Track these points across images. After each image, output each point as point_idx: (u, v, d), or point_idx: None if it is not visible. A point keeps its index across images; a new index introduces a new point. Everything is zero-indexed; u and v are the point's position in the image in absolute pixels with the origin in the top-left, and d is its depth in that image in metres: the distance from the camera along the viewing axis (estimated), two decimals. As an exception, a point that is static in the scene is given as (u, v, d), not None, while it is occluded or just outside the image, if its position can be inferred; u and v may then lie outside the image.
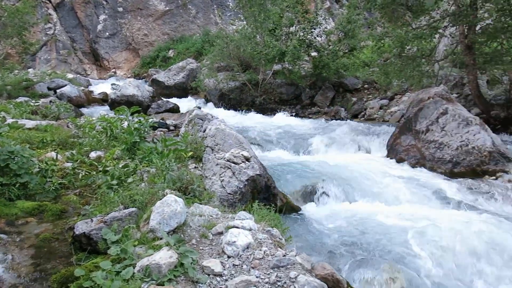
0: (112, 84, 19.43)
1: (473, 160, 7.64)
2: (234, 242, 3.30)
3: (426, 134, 8.27)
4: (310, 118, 14.28)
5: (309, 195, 6.71)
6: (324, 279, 3.15)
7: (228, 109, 15.18)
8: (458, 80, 13.28)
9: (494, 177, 7.41)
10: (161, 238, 3.39)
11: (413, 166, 8.24)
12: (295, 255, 3.28)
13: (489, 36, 10.77)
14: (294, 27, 15.59)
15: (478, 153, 7.64)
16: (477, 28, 10.91)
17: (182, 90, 18.33)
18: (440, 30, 11.68)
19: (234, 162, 5.58)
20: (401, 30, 11.50)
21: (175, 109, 13.51)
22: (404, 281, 4.42)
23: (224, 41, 16.08)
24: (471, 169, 7.61)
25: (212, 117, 6.83)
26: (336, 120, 13.57)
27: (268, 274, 3.08)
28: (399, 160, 8.56)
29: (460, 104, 9.30)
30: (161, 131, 9.14)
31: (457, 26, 11.06)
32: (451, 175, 7.64)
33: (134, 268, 3.07)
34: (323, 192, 6.72)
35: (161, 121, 10.59)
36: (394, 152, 8.79)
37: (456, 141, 7.87)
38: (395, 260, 4.76)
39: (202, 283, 3.00)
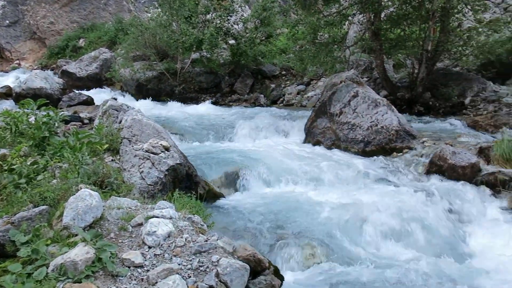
0: (16, 77, 17.93)
1: (382, 138, 8.19)
2: (155, 232, 3.25)
3: (340, 117, 8.70)
4: (230, 105, 14.33)
5: (232, 181, 6.78)
6: (246, 260, 3.23)
7: (147, 100, 14.73)
8: (367, 65, 14.09)
9: (401, 154, 8.02)
10: (76, 235, 3.25)
11: (329, 147, 8.64)
12: (217, 240, 3.31)
13: (393, 23, 11.53)
14: (210, 14, 15.44)
15: (386, 132, 8.21)
16: (382, 15, 11.61)
17: (96, 81, 17.41)
18: (350, 18, 12.27)
19: (153, 153, 5.46)
20: (313, 17, 11.88)
21: (89, 102, 12.82)
22: (323, 255, 4.67)
23: (138, 29, 15.50)
24: (381, 147, 8.17)
25: (128, 107, 6.60)
26: (256, 106, 13.77)
27: (191, 260, 3.09)
28: (316, 143, 8.93)
29: (370, 87, 9.89)
30: (74, 125, 8.63)
31: (364, 14, 11.69)
32: (363, 154, 8.14)
33: (47, 268, 2.92)
34: (245, 178, 6.83)
35: (73, 114, 10.00)
36: (311, 135, 9.15)
37: (366, 122, 8.38)
38: (316, 237, 4.99)
39: (122, 276, 2.93)
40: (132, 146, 5.63)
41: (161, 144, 5.56)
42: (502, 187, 6.62)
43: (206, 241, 3.27)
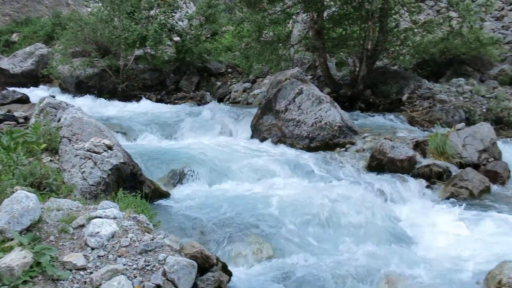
0: None
1: (326, 134, 8.44)
2: (98, 232, 3.15)
3: (285, 113, 8.85)
4: (176, 103, 14.13)
5: (178, 179, 6.70)
6: (193, 257, 3.21)
7: (88, 98, 14.16)
8: (311, 63, 14.41)
9: (344, 149, 8.29)
10: (12, 239, 3.07)
11: (275, 144, 8.75)
12: (163, 238, 3.27)
13: (335, 22, 11.87)
14: (154, 10, 15.11)
15: (330, 128, 8.46)
16: (325, 14, 11.92)
17: (32, 79, 16.51)
18: (294, 16, 12.48)
19: (95, 152, 5.28)
20: (258, 15, 11.97)
21: (24, 100, 12.13)
22: (271, 249, 4.73)
23: (77, 24, 14.85)
24: (325, 143, 8.40)
25: (67, 105, 6.32)
26: (202, 104, 13.67)
27: (136, 260, 3.03)
28: (263, 140, 9.01)
29: (314, 84, 10.13)
30: (8, 124, 8.18)
31: (308, 13, 11.93)
32: (308, 149, 8.33)
33: (-20, 275, 2.74)
34: (192, 176, 6.76)
35: (7, 113, 9.46)
36: (257, 132, 9.23)
37: (311, 118, 8.59)
38: (263, 232, 5.05)
39: (63, 280, 2.82)
40: (73, 145, 5.41)
41: (103, 143, 5.39)
42: (437, 178, 7.05)
43: (152, 239, 3.21)
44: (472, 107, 10.60)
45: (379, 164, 7.28)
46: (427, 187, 6.92)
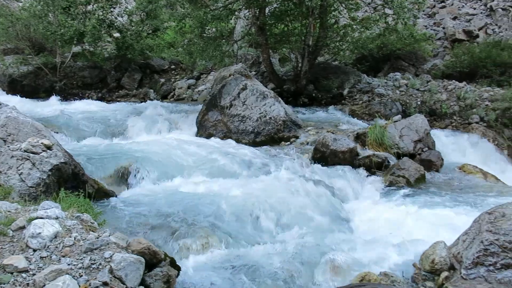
0: None
1: (271, 129, 8.61)
2: (39, 233, 3.06)
3: (230, 109, 8.91)
4: (118, 101, 13.76)
5: (124, 178, 6.58)
6: (141, 253, 3.20)
7: (23, 97, 13.42)
8: (255, 59, 14.57)
9: (288, 142, 8.51)
10: None
11: (221, 140, 8.79)
12: (109, 236, 3.23)
13: (277, 19, 12.08)
14: (91, 5, 14.59)
15: (274, 122, 8.63)
16: (267, 11, 12.09)
17: (-40, 78, 15.43)
18: (236, 12, 12.54)
19: (33, 152, 5.06)
20: (200, 11, 11.91)
21: (-49, 100, 11.33)
22: (219, 243, 4.80)
23: (8, 19, 14.05)
24: (270, 137, 8.58)
25: (1, 104, 6.00)
26: (146, 102, 13.42)
27: (81, 259, 2.97)
28: (209, 136, 9.02)
29: (258, 80, 10.29)
30: None
31: (250, 9, 12.04)
32: (254, 144, 8.46)
33: None
34: (137, 174, 6.66)
35: None
36: (203, 128, 9.22)
37: (256, 113, 8.71)
38: (210, 226, 5.10)
39: (4, 283, 2.72)
40: (8, 146, 5.16)
41: (42, 143, 5.17)
42: (377, 168, 7.42)
43: (98, 238, 3.16)
44: (408, 100, 11.21)
45: (323, 156, 7.53)
46: (367, 176, 7.26)
